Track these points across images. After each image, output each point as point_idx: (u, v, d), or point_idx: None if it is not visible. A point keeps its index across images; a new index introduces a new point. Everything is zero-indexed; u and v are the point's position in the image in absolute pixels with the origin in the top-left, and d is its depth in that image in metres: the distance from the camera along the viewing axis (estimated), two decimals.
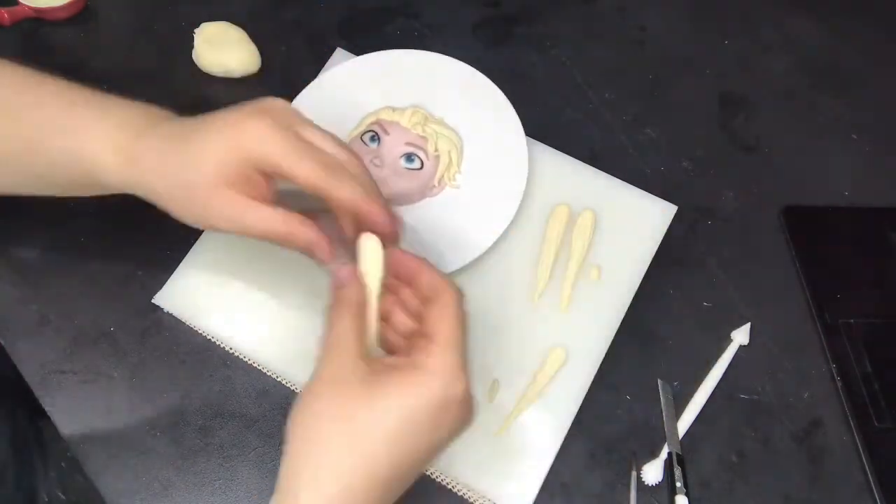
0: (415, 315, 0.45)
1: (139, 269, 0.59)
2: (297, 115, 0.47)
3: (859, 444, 0.53)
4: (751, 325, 0.57)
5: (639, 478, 0.52)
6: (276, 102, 0.46)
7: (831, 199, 0.64)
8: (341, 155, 0.46)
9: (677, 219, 0.61)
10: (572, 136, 0.65)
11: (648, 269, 0.59)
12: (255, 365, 0.55)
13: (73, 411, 0.54)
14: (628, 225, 0.60)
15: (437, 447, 0.41)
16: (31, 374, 0.55)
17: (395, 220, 0.46)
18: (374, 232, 0.45)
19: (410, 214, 0.59)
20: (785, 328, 0.58)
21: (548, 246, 0.59)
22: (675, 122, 0.67)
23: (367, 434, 0.38)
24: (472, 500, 0.51)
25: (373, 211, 0.45)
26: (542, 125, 0.64)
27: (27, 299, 0.58)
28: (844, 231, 0.63)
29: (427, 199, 0.60)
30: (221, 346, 0.56)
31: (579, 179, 0.62)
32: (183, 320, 0.57)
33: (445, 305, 0.42)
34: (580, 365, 0.55)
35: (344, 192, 0.44)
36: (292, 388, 0.54)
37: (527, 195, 0.59)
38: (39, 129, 0.48)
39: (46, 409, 0.54)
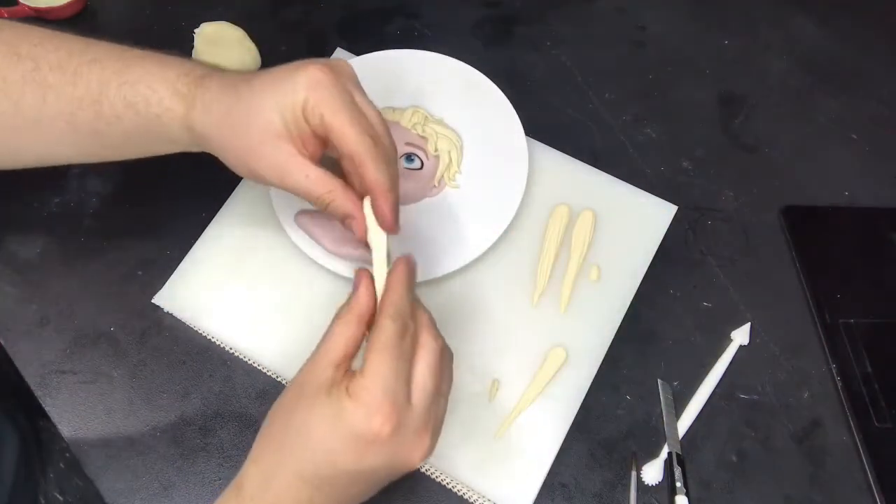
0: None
1: (139, 269, 0.59)
2: (356, 81, 0.47)
3: (859, 444, 0.53)
4: (751, 325, 0.57)
5: (639, 478, 0.52)
6: (341, 62, 0.47)
7: (831, 199, 0.64)
8: (385, 135, 0.47)
9: (677, 219, 0.61)
10: (572, 136, 0.65)
11: (648, 269, 0.59)
12: (255, 365, 0.55)
13: (73, 411, 0.54)
14: (628, 225, 0.60)
15: (364, 478, 0.42)
16: (31, 374, 0.55)
17: (395, 224, 0.47)
18: (378, 222, 0.47)
19: (410, 214, 0.59)
20: (785, 328, 0.58)
21: (548, 246, 0.59)
22: (675, 122, 0.67)
23: (298, 434, 0.41)
24: (472, 500, 0.51)
25: (384, 207, 0.46)
26: (542, 125, 0.64)
27: (27, 299, 0.58)
28: (844, 231, 0.63)
29: (427, 199, 0.60)
30: (221, 346, 0.56)
31: (579, 179, 0.62)
32: (183, 320, 0.57)
33: (378, 336, 0.41)
34: (580, 365, 0.55)
35: (375, 174, 0.45)
36: None
37: (527, 195, 0.59)
38: (101, 83, 0.47)
39: (46, 409, 0.54)
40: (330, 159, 0.48)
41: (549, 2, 0.73)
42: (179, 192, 0.60)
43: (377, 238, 0.47)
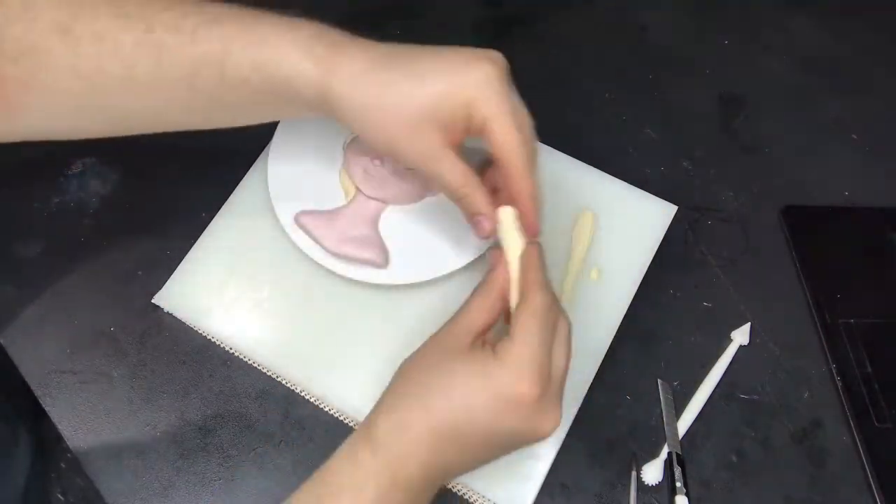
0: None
1: (139, 269, 0.59)
2: (510, 77, 0.46)
3: (859, 444, 0.53)
4: (751, 325, 0.57)
5: (639, 478, 0.52)
6: (499, 56, 0.46)
7: (831, 199, 0.64)
8: (534, 139, 0.47)
9: (677, 219, 0.61)
10: (572, 136, 0.65)
11: (648, 269, 0.59)
12: (255, 365, 0.55)
13: (73, 411, 0.54)
14: (628, 225, 0.60)
15: (497, 440, 0.42)
16: (31, 374, 0.55)
17: (537, 229, 0.47)
18: (523, 223, 0.47)
19: (410, 214, 0.59)
20: (785, 328, 0.58)
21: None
22: (675, 122, 0.67)
23: (439, 390, 0.41)
24: (472, 500, 0.51)
25: (533, 214, 0.46)
26: (542, 125, 0.63)
27: (27, 299, 0.58)
28: (844, 231, 0.63)
29: (427, 198, 0.60)
30: (221, 346, 0.56)
31: (579, 179, 0.62)
32: (183, 320, 0.57)
33: (528, 305, 0.43)
34: (580, 365, 0.55)
35: (526, 182, 0.45)
36: (292, 388, 0.54)
37: None
38: (224, 41, 0.44)
39: (46, 408, 0.54)
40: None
41: (549, 2, 0.73)
42: (179, 193, 0.60)
43: (514, 243, 0.46)
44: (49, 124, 0.49)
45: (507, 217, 0.46)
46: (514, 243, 0.46)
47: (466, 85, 0.43)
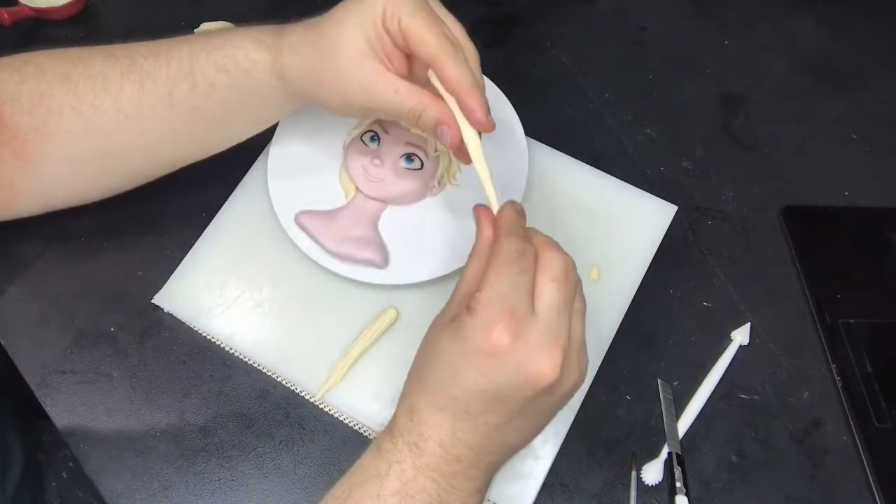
0: None
1: (139, 269, 0.59)
2: None
3: (859, 444, 0.53)
4: (751, 325, 0.57)
5: (639, 478, 0.52)
6: None
7: (831, 199, 0.64)
8: (464, 38, 0.48)
9: (677, 219, 0.61)
10: (572, 136, 0.65)
11: (648, 269, 0.59)
12: (255, 365, 0.55)
13: (73, 411, 0.54)
14: (628, 225, 0.60)
15: (508, 401, 0.40)
16: (31, 374, 0.55)
17: (488, 119, 0.47)
18: (469, 121, 0.47)
19: (411, 214, 0.59)
20: (785, 328, 0.58)
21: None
22: (675, 122, 0.67)
23: (430, 364, 0.42)
24: None
25: (471, 103, 0.46)
26: (542, 125, 0.64)
27: (27, 299, 0.58)
28: (844, 231, 0.63)
29: (427, 198, 0.60)
30: (221, 346, 0.56)
31: (579, 179, 0.62)
32: (183, 320, 0.57)
33: (495, 253, 0.42)
34: None
35: (457, 72, 0.45)
36: (292, 388, 0.54)
37: (527, 195, 0.59)
38: (191, 56, 0.49)
39: (46, 409, 0.54)
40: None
41: (549, 2, 0.73)
42: (179, 192, 0.60)
43: (472, 141, 0.47)
44: (64, 177, 0.53)
45: (458, 114, 0.47)
46: (472, 143, 0.47)
47: (374, 4, 0.45)
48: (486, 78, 0.63)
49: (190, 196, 0.61)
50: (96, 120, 0.50)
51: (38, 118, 0.50)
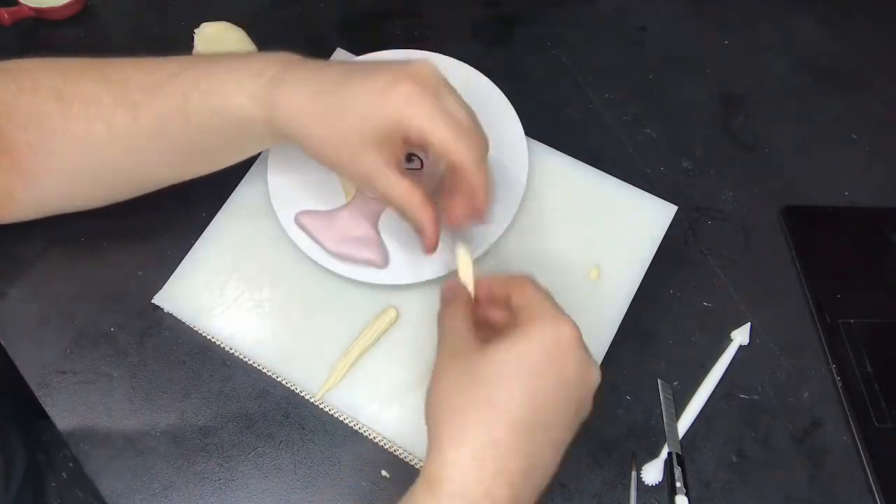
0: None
1: (139, 269, 0.59)
2: (442, 80, 0.48)
3: (859, 444, 0.53)
4: (751, 325, 0.57)
5: (639, 478, 0.52)
6: (424, 68, 0.47)
7: (831, 199, 0.64)
8: (476, 129, 0.49)
9: (677, 219, 0.61)
10: (572, 136, 0.65)
11: (648, 269, 0.59)
12: (255, 365, 0.55)
13: (73, 411, 0.54)
14: (628, 225, 0.60)
15: (567, 391, 0.42)
16: (31, 374, 0.55)
17: (487, 205, 0.49)
18: (469, 204, 0.49)
19: None
20: (785, 328, 0.58)
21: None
22: (675, 122, 0.67)
23: (489, 384, 0.41)
24: None
25: (482, 203, 0.49)
26: (542, 125, 0.64)
27: (27, 299, 0.58)
28: (844, 231, 0.63)
29: None
30: (221, 346, 0.56)
31: (579, 179, 0.62)
32: (183, 320, 0.57)
33: (525, 284, 0.45)
34: None
35: (476, 177, 0.47)
36: (292, 388, 0.54)
37: (527, 195, 0.59)
38: (184, 95, 0.49)
39: (46, 409, 0.54)
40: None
41: (549, 2, 0.73)
42: (180, 192, 0.60)
43: (465, 268, 0.49)
44: (60, 189, 0.53)
45: (462, 257, 0.49)
46: (465, 266, 0.48)
47: (389, 109, 0.46)
48: (485, 77, 0.64)
49: (190, 196, 0.61)
50: (90, 142, 0.50)
51: (33, 134, 0.50)
